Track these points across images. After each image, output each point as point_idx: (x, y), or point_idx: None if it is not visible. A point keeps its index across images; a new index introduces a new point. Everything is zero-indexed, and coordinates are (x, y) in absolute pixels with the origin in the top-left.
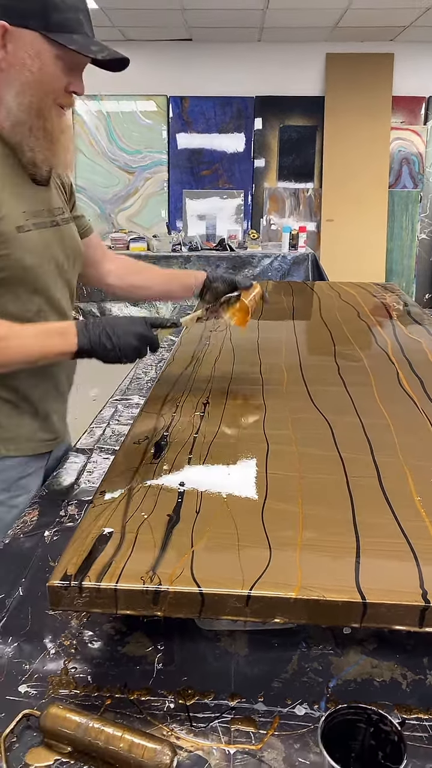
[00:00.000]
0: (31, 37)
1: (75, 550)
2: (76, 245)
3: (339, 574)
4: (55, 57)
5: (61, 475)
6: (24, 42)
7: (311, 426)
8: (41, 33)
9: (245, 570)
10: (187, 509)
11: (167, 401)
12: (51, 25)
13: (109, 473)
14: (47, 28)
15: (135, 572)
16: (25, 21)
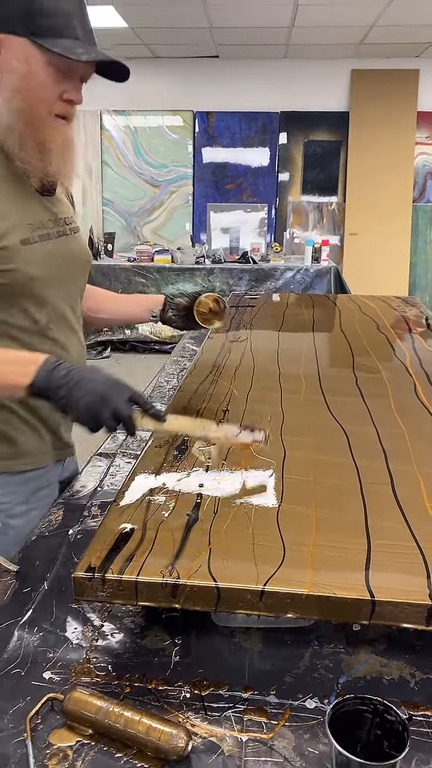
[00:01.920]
0: (19, 43)
1: (99, 545)
2: (84, 255)
3: (350, 573)
4: (45, 63)
5: (85, 478)
6: (13, 48)
7: (327, 434)
8: (29, 38)
9: (260, 567)
10: (206, 510)
11: (188, 408)
12: (38, 30)
13: (131, 474)
14: (34, 33)
15: (155, 566)
16: (12, 27)
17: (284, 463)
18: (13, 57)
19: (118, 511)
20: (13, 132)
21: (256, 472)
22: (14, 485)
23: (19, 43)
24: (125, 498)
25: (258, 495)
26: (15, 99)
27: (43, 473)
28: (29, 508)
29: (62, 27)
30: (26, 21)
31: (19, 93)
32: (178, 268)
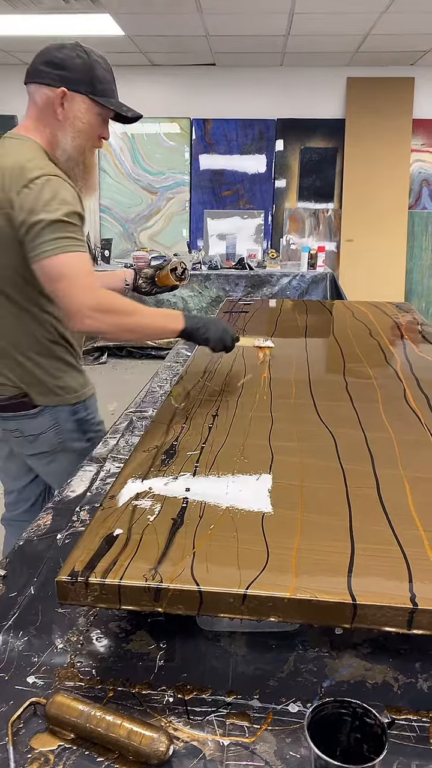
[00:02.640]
0: (81, 99)
1: (83, 549)
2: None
3: (332, 577)
4: (96, 114)
5: (75, 482)
6: (77, 102)
7: (316, 438)
8: (89, 96)
9: (243, 571)
10: (191, 514)
11: (178, 413)
12: (96, 91)
13: (119, 479)
14: (93, 93)
15: (138, 570)
16: (78, 87)
17: (271, 468)
18: (77, 109)
19: (104, 515)
20: (72, 160)
21: (243, 476)
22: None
23: (80, 98)
24: (111, 502)
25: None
26: (77, 138)
27: (85, 405)
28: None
29: (109, 90)
30: (88, 84)
31: (80, 134)
32: None
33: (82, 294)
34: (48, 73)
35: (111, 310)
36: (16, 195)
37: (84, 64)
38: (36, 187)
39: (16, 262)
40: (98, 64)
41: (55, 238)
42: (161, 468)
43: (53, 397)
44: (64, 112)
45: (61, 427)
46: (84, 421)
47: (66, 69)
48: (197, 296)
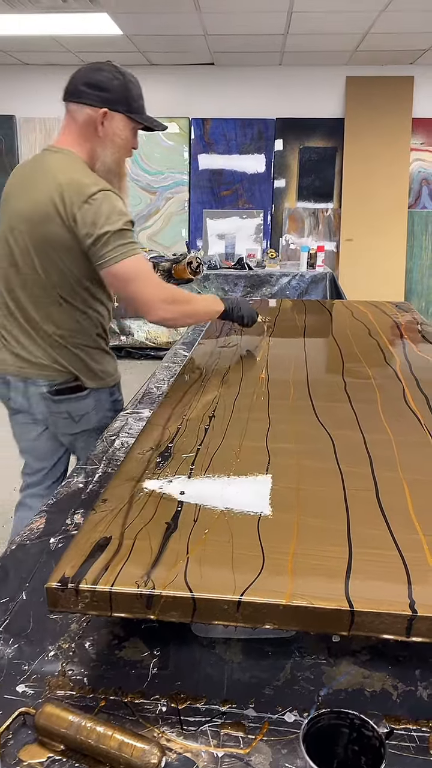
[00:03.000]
0: (119, 117)
1: (74, 554)
2: None
3: (329, 583)
4: (131, 129)
5: (69, 485)
6: (116, 120)
7: (313, 440)
8: (126, 114)
9: (238, 577)
10: (185, 518)
11: (174, 414)
12: (131, 109)
13: (112, 482)
14: (129, 111)
15: (130, 576)
16: (117, 107)
17: (268, 470)
18: (116, 126)
19: (96, 519)
20: (111, 172)
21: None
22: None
23: (120, 117)
24: (104, 506)
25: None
26: (116, 152)
27: (118, 387)
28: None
29: (141, 107)
30: (125, 103)
31: (119, 148)
32: None
33: (154, 290)
34: (89, 94)
35: (176, 301)
36: (78, 210)
37: (121, 85)
38: (96, 203)
39: (76, 270)
40: (132, 84)
41: (120, 245)
42: (156, 470)
43: (98, 381)
44: (104, 129)
45: (102, 406)
46: (117, 402)
47: (106, 90)
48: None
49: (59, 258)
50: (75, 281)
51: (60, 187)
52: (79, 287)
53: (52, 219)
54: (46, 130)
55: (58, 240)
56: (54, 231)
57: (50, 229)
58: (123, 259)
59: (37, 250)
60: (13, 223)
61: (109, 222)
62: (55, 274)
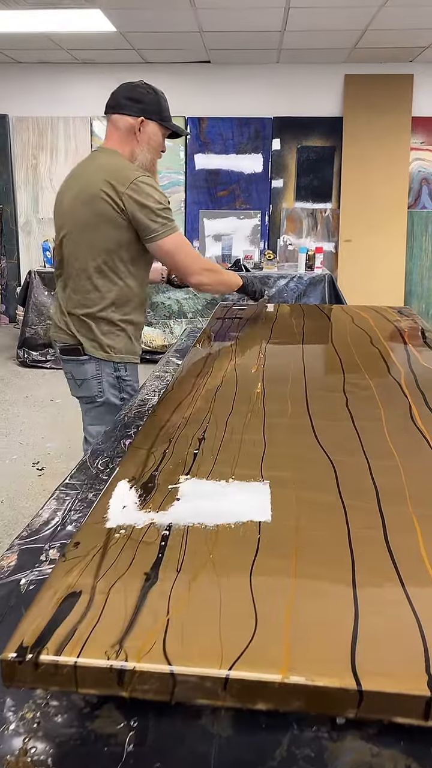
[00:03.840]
0: (153, 124)
1: (36, 615)
2: None
3: (332, 651)
4: (162, 135)
5: (46, 513)
6: (150, 127)
7: (313, 466)
8: (158, 122)
9: (225, 644)
10: (168, 566)
11: (161, 435)
12: (162, 117)
13: (87, 519)
14: (161, 119)
15: (100, 644)
16: (151, 116)
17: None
18: (151, 131)
19: (65, 568)
20: (146, 168)
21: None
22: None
23: (152, 124)
24: (75, 551)
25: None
26: (151, 153)
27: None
28: (137, 384)
29: (169, 116)
30: (157, 113)
31: (153, 150)
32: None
33: (196, 259)
34: (130, 107)
35: (213, 269)
36: (126, 190)
37: (154, 98)
38: (141, 185)
39: (117, 240)
40: (162, 98)
41: (165, 222)
42: (137, 505)
43: (101, 352)
44: (141, 134)
45: (103, 378)
46: (122, 380)
47: (143, 102)
48: (192, 299)
49: (97, 233)
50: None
51: (108, 173)
52: (104, 263)
53: (99, 199)
54: (40, 130)
55: (105, 217)
56: (99, 208)
57: (96, 207)
58: (169, 235)
59: (78, 226)
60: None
61: (155, 201)
62: (87, 247)
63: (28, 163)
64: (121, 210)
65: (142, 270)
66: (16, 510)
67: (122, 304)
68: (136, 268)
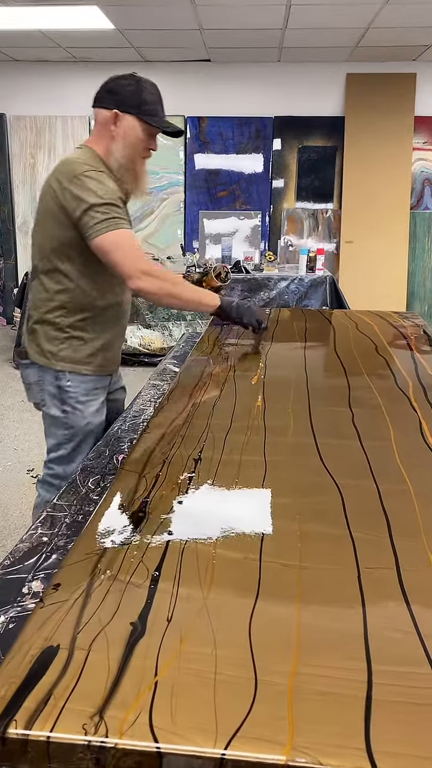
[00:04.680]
0: (131, 119)
1: (6, 678)
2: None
3: (343, 724)
4: (143, 130)
5: (31, 537)
6: (127, 121)
7: (318, 493)
8: (137, 116)
9: (221, 715)
10: (157, 615)
11: (154, 454)
12: (142, 111)
13: (69, 557)
14: (140, 113)
15: (77, 715)
16: (128, 109)
17: (263, 540)
18: (127, 126)
19: (41, 616)
20: (122, 167)
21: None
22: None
23: (130, 118)
24: (55, 596)
25: None
26: (128, 150)
27: (98, 378)
28: (88, 399)
29: (154, 110)
30: (136, 106)
31: (129, 147)
32: None
33: (134, 259)
34: (106, 98)
35: (159, 277)
36: (68, 185)
37: (134, 90)
38: (85, 179)
39: (60, 239)
40: (146, 89)
41: (105, 219)
42: (126, 539)
43: (41, 358)
44: (117, 129)
45: (44, 386)
46: (63, 391)
47: (119, 95)
48: None
49: (44, 230)
50: (49, 254)
51: (60, 169)
52: (50, 262)
53: (49, 194)
54: (37, 129)
55: (50, 213)
56: (49, 206)
57: (46, 204)
58: (106, 232)
59: (35, 225)
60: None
61: (96, 197)
62: (38, 246)
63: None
64: (62, 206)
65: (104, 275)
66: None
67: (75, 310)
68: (93, 271)
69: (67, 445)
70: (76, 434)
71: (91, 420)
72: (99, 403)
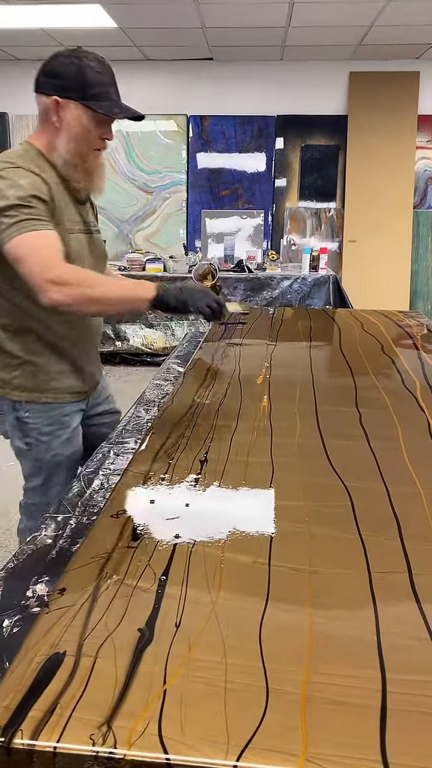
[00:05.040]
0: (74, 105)
1: (11, 686)
2: (102, 251)
3: (358, 735)
4: (91, 117)
5: (35, 540)
6: (70, 109)
7: (327, 495)
8: (81, 102)
9: (232, 725)
10: (165, 621)
11: (160, 455)
12: (87, 96)
13: (74, 560)
14: (84, 98)
15: (85, 725)
16: (70, 95)
17: (272, 543)
18: (70, 115)
19: (47, 622)
20: (68, 163)
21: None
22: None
23: (74, 105)
24: (60, 600)
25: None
26: (71, 143)
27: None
28: (54, 428)
29: (103, 94)
30: (80, 90)
31: (74, 139)
32: (171, 277)
33: (40, 268)
34: (45, 83)
35: (70, 283)
36: None
37: (76, 70)
38: None
39: None
40: (91, 68)
41: (14, 222)
42: (131, 543)
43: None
44: (60, 119)
45: (6, 416)
46: (23, 423)
47: (59, 77)
48: None
49: None
50: None
51: None
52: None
53: None
54: None
55: None
56: None
57: None
58: (15, 237)
59: None
60: None
61: (2, 200)
62: None
63: None
64: None
65: None
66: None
67: (20, 331)
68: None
69: (37, 477)
70: (43, 467)
71: (60, 452)
72: (69, 431)
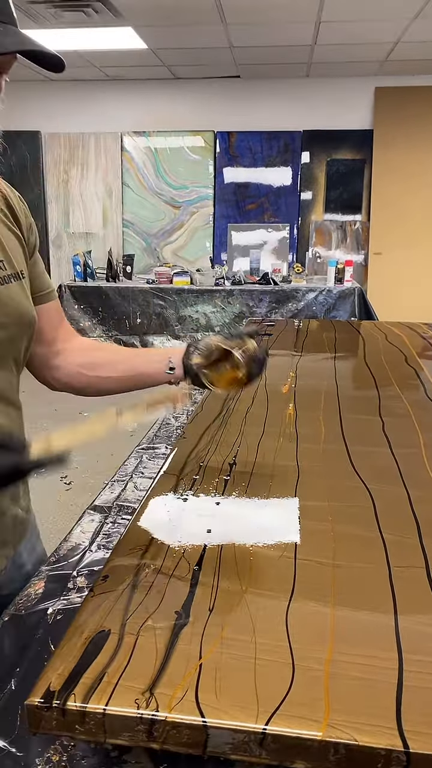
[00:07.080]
0: None
1: (64, 657)
2: (17, 311)
3: (376, 705)
4: None
5: (73, 538)
6: None
7: (350, 496)
8: None
9: (261, 695)
10: (199, 605)
11: (190, 459)
12: None
13: (115, 552)
14: None
15: (130, 692)
16: None
17: (298, 539)
18: None
19: (93, 605)
20: None
21: (264, 550)
22: None
23: None
24: (103, 586)
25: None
26: None
27: None
28: None
29: None
30: None
31: None
32: (198, 290)
33: None
34: None
35: None
36: None
37: None
38: None
39: None
40: None
41: None
42: (167, 537)
43: None
44: None
45: None
46: None
47: None
48: (220, 312)
49: None
50: None
51: None
52: None
53: None
54: (71, 145)
55: None
56: None
57: None
58: None
59: None
60: None
61: None
62: None
63: (59, 178)
64: None
65: None
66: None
67: None
68: None
69: None
70: None
71: None
72: None
